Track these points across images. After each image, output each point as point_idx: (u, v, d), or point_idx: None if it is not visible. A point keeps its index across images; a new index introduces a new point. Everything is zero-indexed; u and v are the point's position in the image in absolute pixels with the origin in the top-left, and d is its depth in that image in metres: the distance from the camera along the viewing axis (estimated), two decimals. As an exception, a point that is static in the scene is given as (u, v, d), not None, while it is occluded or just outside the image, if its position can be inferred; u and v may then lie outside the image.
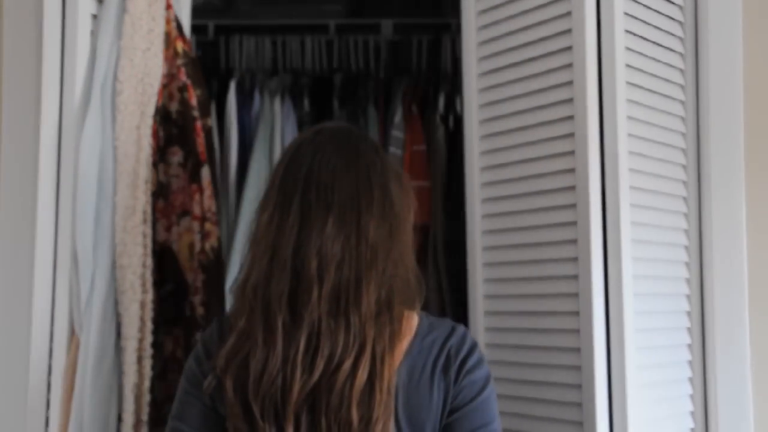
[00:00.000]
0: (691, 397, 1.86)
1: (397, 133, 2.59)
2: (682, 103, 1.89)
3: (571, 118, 1.74)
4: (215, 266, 1.90)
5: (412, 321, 1.41)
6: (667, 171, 1.85)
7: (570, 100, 1.74)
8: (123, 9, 1.83)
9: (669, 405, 1.81)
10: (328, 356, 1.30)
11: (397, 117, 2.60)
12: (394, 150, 2.57)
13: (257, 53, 2.76)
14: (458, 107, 2.62)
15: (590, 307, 1.68)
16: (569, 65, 1.74)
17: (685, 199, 1.88)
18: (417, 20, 2.86)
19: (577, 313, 1.72)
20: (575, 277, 1.72)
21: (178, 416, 1.41)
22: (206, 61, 2.81)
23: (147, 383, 1.75)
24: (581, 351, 1.70)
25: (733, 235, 1.86)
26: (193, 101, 1.92)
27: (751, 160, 1.87)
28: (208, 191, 1.91)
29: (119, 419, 1.74)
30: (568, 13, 1.75)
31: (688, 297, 1.88)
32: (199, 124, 1.92)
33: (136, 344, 1.74)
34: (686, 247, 1.88)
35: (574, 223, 1.73)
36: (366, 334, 1.31)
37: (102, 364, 1.71)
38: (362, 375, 1.30)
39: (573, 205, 1.73)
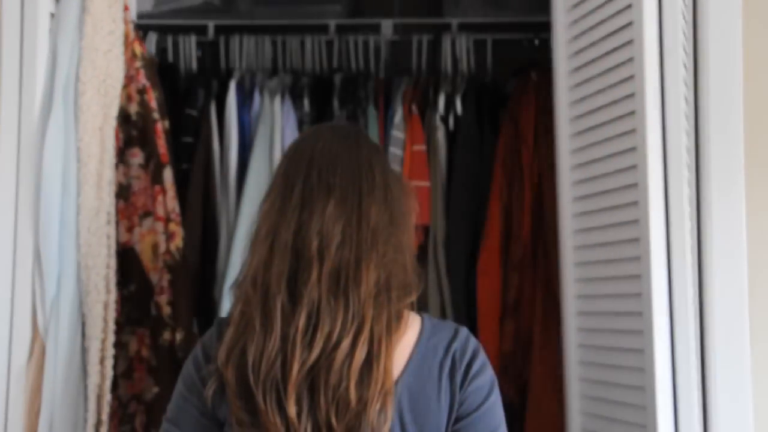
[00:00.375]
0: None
1: (397, 133, 2.59)
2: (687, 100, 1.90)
3: (632, 113, 1.76)
4: (181, 266, 1.93)
5: (415, 322, 1.41)
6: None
7: (632, 95, 1.75)
8: (83, 9, 1.84)
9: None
10: (328, 334, 1.31)
11: (397, 117, 2.60)
12: (394, 150, 2.57)
13: (257, 53, 2.76)
14: (458, 107, 2.62)
15: (650, 307, 1.68)
16: (631, 59, 1.76)
17: (689, 197, 1.89)
18: (417, 20, 2.85)
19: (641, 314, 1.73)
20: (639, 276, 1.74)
21: (174, 420, 1.41)
22: (206, 61, 2.81)
23: (108, 383, 1.77)
24: (644, 352, 1.70)
25: (733, 235, 1.85)
26: (153, 103, 1.95)
27: (750, 158, 1.86)
28: (171, 192, 1.94)
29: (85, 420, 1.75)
30: (629, 6, 1.76)
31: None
32: (159, 125, 1.95)
33: (99, 344, 1.76)
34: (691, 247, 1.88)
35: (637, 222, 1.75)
36: (365, 314, 1.32)
37: (71, 365, 1.73)
38: (360, 354, 1.30)
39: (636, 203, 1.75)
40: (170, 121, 2.57)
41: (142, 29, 2.74)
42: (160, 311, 1.89)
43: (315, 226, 1.35)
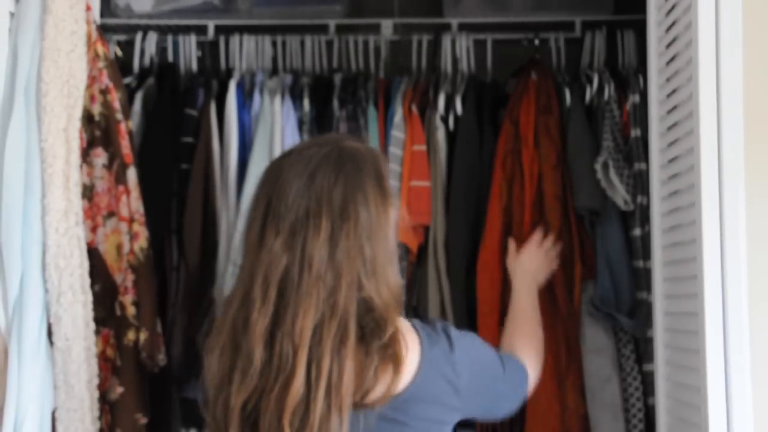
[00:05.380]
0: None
1: (397, 133, 2.58)
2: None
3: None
4: (145, 267, 1.95)
5: (410, 334, 1.48)
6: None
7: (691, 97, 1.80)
8: (44, 9, 1.84)
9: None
10: (258, 380, 1.39)
11: (397, 117, 2.59)
12: (394, 150, 2.57)
13: (257, 53, 2.76)
14: (458, 107, 2.62)
15: (703, 307, 1.71)
16: (690, 61, 1.80)
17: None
18: (417, 20, 2.85)
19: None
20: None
21: None
22: (206, 61, 2.81)
23: (96, 381, 1.80)
24: (699, 352, 1.73)
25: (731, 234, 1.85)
26: (116, 104, 1.96)
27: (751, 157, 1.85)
28: (135, 193, 1.97)
29: (52, 417, 1.78)
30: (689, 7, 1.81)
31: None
32: (122, 126, 1.96)
33: (84, 344, 1.78)
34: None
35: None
36: (297, 361, 1.37)
37: (36, 363, 1.74)
38: (292, 399, 1.37)
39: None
40: (170, 120, 2.60)
41: (142, 29, 2.75)
42: (124, 311, 1.90)
43: (261, 269, 1.41)
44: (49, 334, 1.81)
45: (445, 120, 2.61)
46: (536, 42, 2.74)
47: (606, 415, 2.40)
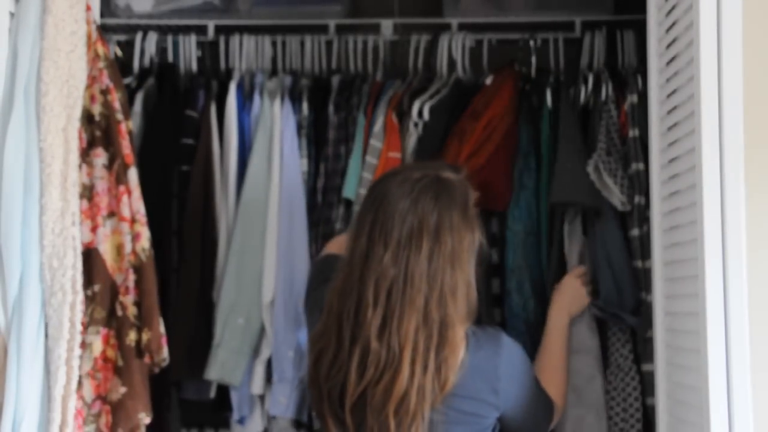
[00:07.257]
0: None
1: (374, 143, 2.54)
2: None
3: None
4: (147, 267, 1.94)
5: (460, 338, 1.71)
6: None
7: (692, 96, 1.80)
8: (44, 9, 1.85)
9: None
10: (374, 370, 1.66)
11: (377, 126, 2.55)
12: (370, 159, 2.53)
13: (257, 53, 2.76)
14: (425, 114, 2.54)
15: (704, 307, 1.71)
16: (691, 60, 1.80)
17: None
18: (417, 20, 2.84)
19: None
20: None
21: None
22: (206, 61, 2.81)
23: (74, 384, 1.78)
24: (699, 352, 1.73)
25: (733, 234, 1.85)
26: (116, 104, 1.96)
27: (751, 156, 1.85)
28: (136, 193, 1.97)
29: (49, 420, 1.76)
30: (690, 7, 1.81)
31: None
32: (123, 126, 1.96)
33: (66, 345, 1.77)
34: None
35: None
36: (403, 357, 1.64)
37: (35, 365, 1.74)
38: (399, 388, 1.64)
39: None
40: (171, 122, 2.60)
41: (142, 29, 2.75)
42: (125, 312, 1.90)
43: (372, 276, 1.68)
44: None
45: (417, 125, 2.59)
46: (531, 43, 2.71)
47: (590, 413, 2.40)
